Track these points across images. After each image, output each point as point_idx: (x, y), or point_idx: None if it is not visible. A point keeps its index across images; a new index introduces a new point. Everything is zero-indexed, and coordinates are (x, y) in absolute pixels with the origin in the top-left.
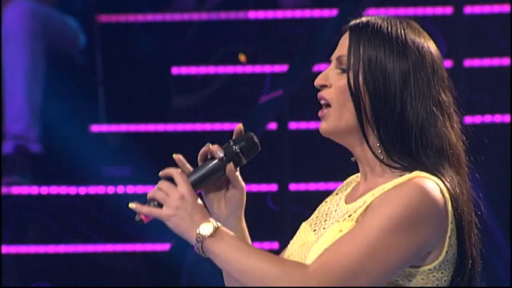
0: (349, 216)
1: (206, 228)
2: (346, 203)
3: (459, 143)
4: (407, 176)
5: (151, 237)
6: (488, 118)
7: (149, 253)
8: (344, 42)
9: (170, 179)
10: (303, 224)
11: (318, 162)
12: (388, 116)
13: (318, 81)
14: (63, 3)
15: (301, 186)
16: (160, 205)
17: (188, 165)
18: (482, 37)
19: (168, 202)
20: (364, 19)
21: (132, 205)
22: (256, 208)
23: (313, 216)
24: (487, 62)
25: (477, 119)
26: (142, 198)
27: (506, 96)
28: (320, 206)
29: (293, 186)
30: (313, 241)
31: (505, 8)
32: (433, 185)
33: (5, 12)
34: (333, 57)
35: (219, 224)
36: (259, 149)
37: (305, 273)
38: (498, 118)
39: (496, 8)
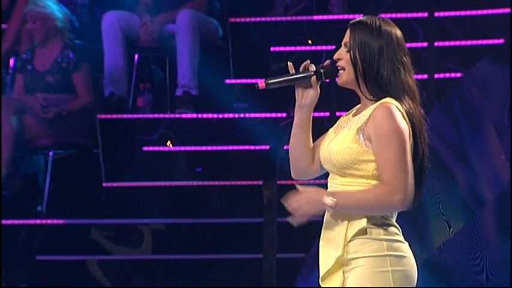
0: (352, 125)
1: (327, 200)
2: (352, 116)
3: (414, 84)
4: (381, 101)
5: (258, 141)
6: (447, 75)
7: (257, 150)
8: (347, 33)
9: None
10: (330, 129)
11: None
12: (371, 72)
13: (335, 56)
14: (210, 10)
15: (343, 114)
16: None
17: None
18: (443, 30)
19: (301, 211)
20: (357, 20)
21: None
22: (316, 127)
23: (335, 125)
24: (446, 43)
25: (441, 75)
26: (255, 121)
27: (452, 63)
28: (340, 118)
29: (339, 113)
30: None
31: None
32: (395, 109)
33: (177, 16)
34: (343, 42)
35: (330, 195)
36: (333, 78)
37: (387, 190)
38: (452, 75)
39: (456, 13)
